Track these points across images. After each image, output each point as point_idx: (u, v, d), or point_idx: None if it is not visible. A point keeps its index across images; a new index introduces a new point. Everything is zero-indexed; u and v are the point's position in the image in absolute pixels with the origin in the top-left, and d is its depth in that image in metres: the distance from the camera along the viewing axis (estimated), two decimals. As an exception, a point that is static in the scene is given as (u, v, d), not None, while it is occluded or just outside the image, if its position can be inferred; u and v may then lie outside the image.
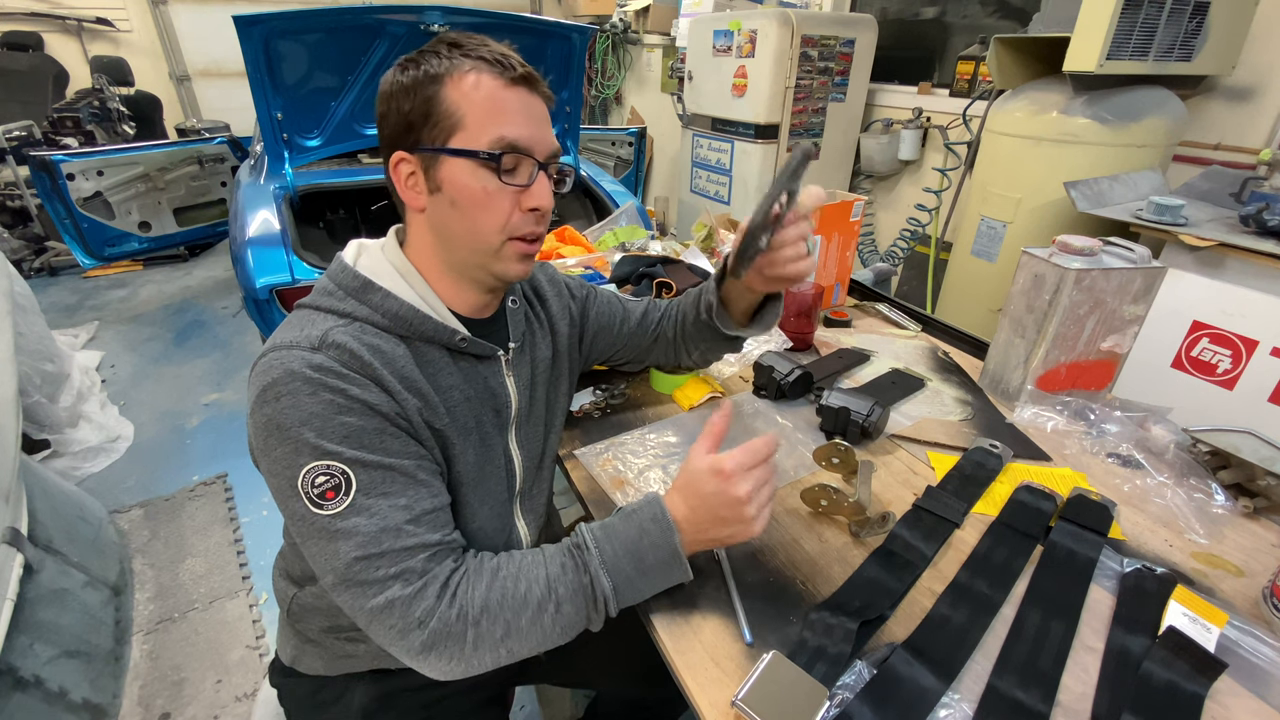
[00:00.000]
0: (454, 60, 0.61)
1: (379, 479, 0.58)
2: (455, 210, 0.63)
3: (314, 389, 0.56)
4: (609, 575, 0.60)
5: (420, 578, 0.57)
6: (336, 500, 0.56)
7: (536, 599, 0.59)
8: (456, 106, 0.61)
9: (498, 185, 0.62)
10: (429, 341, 0.66)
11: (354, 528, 0.56)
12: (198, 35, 4.60)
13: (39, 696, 0.99)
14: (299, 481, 0.56)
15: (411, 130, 0.62)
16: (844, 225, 1.35)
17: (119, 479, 2.17)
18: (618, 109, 5.22)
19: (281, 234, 2.07)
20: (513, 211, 0.64)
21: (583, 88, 2.61)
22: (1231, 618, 0.67)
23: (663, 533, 0.61)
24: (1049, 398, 1.04)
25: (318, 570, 0.59)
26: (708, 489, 0.61)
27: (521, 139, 0.62)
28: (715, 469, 0.61)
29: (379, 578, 0.56)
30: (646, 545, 0.61)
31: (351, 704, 0.80)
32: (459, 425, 0.68)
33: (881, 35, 3.03)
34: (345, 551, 0.56)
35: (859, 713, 0.56)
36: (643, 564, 0.61)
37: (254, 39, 1.92)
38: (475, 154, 0.61)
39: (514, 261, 0.66)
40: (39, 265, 3.85)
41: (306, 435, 0.55)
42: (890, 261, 3.19)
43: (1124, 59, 1.73)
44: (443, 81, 0.61)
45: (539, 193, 0.64)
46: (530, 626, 0.59)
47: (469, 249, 0.65)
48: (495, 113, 0.61)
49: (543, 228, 0.67)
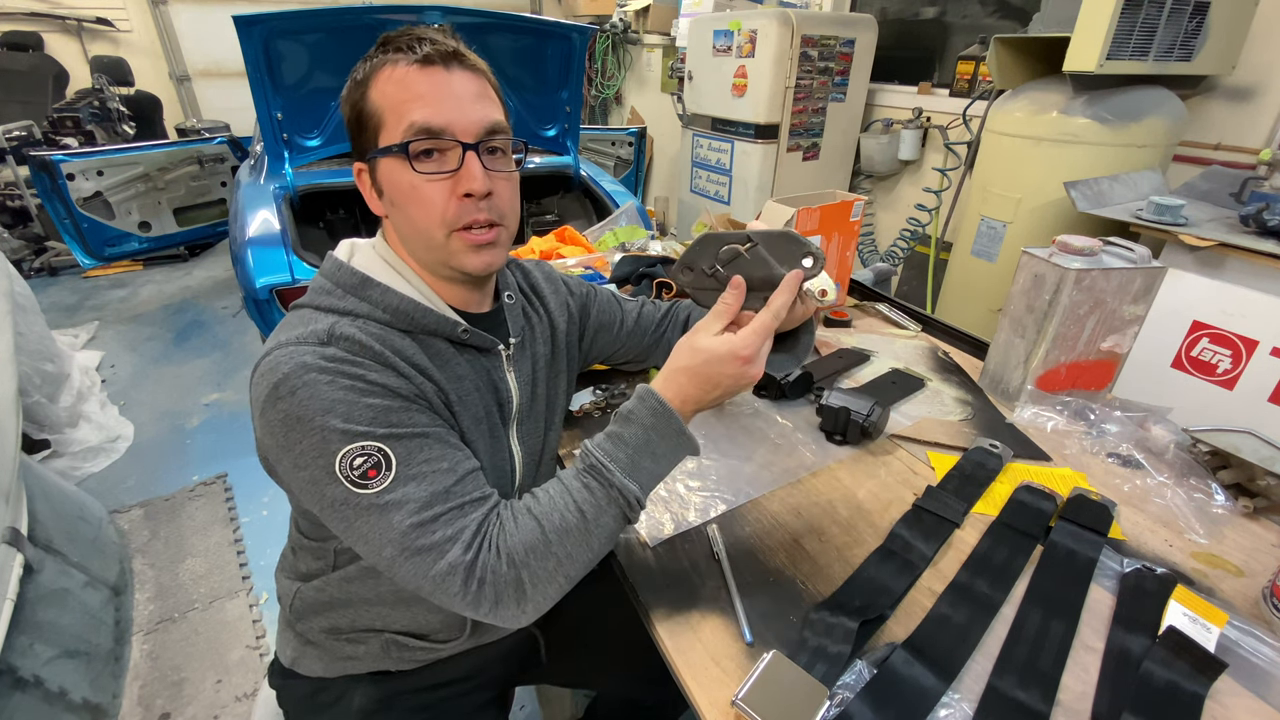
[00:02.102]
0: (376, 59, 0.60)
1: (416, 447, 0.58)
2: (397, 210, 0.63)
3: (332, 377, 0.55)
4: (632, 479, 0.60)
5: (475, 538, 0.57)
6: (380, 477, 0.56)
7: (575, 524, 0.59)
8: (377, 106, 0.60)
9: (422, 177, 0.59)
10: (431, 334, 0.65)
11: (404, 497, 0.56)
12: (198, 35, 4.59)
13: (39, 696, 0.99)
14: (336, 467, 0.55)
15: (355, 140, 0.63)
16: (844, 225, 1.35)
17: (119, 479, 2.17)
18: (618, 109, 5.22)
19: (281, 234, 2.07)
20: (447, 201, 0.60)
21: (583, 88, 2.61)
22: (1231, 618, 0.67)
23: (666, 421, 0.60)
24: (1049, 398, 1.04)
25: (371, 551, 0.58)
26: (725, 371, 0.60)
27: (433, 120, 0.58)
28: (735, 354, 0.59)
29: (436, 541, 0.56)
30: (656, 438, 0.60)
31: (351, 705, 0.80)
32: (470, 415, 0.67)
33: (881, 35, 3.03)
34: (399, 521, 0.56)
35: (859, 712, 0.56)
36: (656, 454, 0.61)
37: (254, 39, 1.92)
38: (389, 149, 0.60)
39: (467, 254, 0.63)
40: (39, 265, 3.85)
41: (333, 422, 0.55)
42: (890, 261, 3.19)
43: (1124, 59, 1.73)
44: (369, 84, 0.60)
45: (468, 176, 0.60)
46: (578, 548, 0.59)
47: (422, 246, 0.64)
48: (405, 100, 0.59)
49: (486, 214, 0.62)
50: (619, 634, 0.92)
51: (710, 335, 0.61)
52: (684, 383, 0.61)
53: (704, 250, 0.67)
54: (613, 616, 0.91)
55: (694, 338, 0.62)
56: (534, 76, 2.48)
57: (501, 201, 0.64)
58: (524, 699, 1.45)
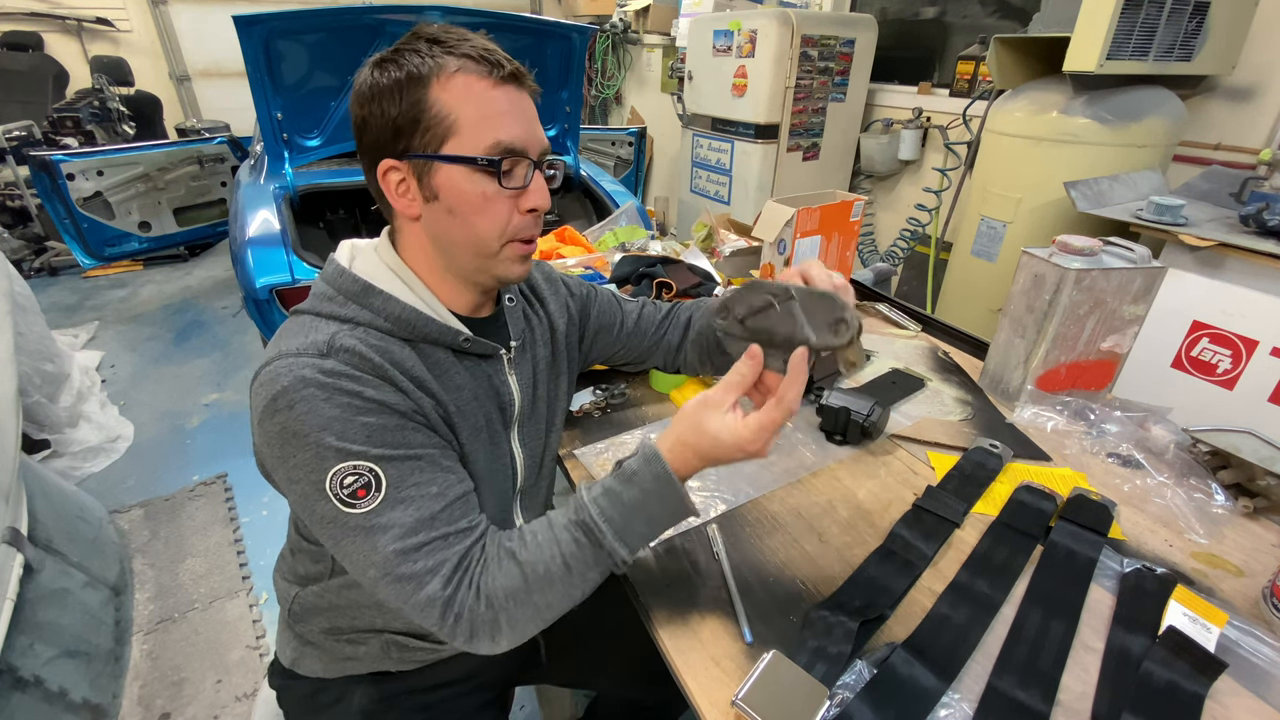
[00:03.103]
0: (437, 59, 0.58)
1: (408, 470, 0.58)
2: (453, 217, 0.62)
3: (329, 393, 0.55)
4: (624, 543, 0.60)
5: (456, 572, 0.58)
6: (369, 498, 0.56)
7: (559, 575, 0.59)
8: (449, 111, 0.59)
9: (496, 190, 0.61)
10: (433, 343, 0.66)
11: (390, 521, 0.56)
12: (198, 35, 4.59)
13: (39, 696, 0.99)
14: (326, 485, 0.55)
15: (400, 136, 0.60)
16: (844, 225, 1.35)
17: (119, 479, 2.17)
18: (618, 109, 5.22)
19: (281, 234, 2.07)
20: (512, 214, 0.63)
21: (583, 88, 2.61)
22: (1231, 618, 0.67)
23: (668, 488, 0.60)
24: (1049, 398, 1.04)
25: (355, 569, 0.59)
26: (730, 458, 0.60)
27: (517, 141, 0.61)
28: (741, 448, 0.58)
29: (417, 571, 0.57)
30: (654, 504, 0.60)
31: (351, 706, 0.80)
32: (470, 424, 0.68)
33: (881, 35, 3.03)
34: (384, 545, 0.56)
35: (859, 712, 0.56)
36: (652, 520, 0.61)
37: (254, 39, 1.92)
38: (473, 160, 0.59)
39: (513, 263, 0.66)
40: (39, 265, 3.85)
41: (328, 439, 0.55)
42: (890, 261, 3.19)
43: (1124, 59, 1.73)
44: (429, 83, 0.58)
45: (536, 193, 0.63)
46: (561, 598, 0.60)
47: (469, 254, 0.64)
48: (489, 116, 0.59)
49: (540, 227, 0.67)
50: (619, 634, 0.92)
51: (720, 413, 0.59)
52: (690, 458, 0.61)
53: (744, 296, 0.65)
54: (613, 617, 0.91)
55: (702, 414, 0.60)
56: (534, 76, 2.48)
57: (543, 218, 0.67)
58: (524, 699, 1.45)
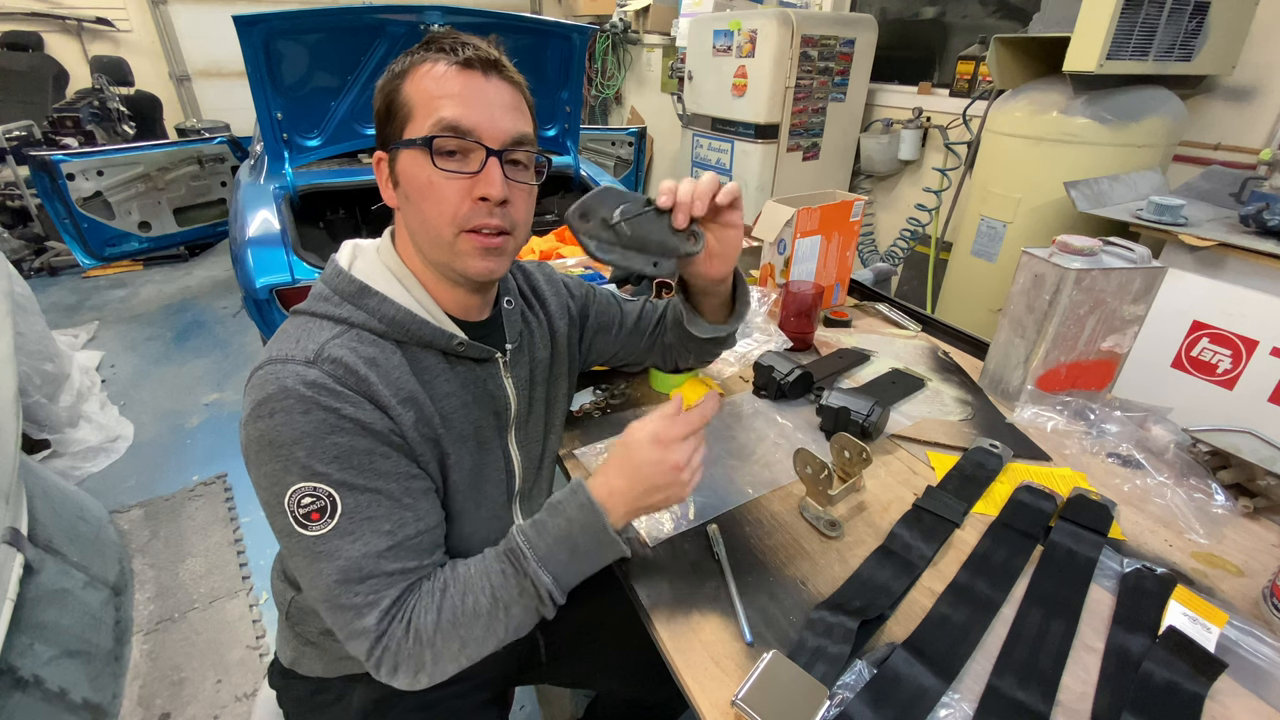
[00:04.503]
0: (418, 55, 0.61)
1: (365, 503, 0.58)
2: (409, 203, 0.63)
3: (307, 407, 0.56)
4: (547, 571, 0.61)
5: (391, 609, 0.58)
6: (321, 522, 0.57)
7: (486, 609, 0.60)
8: (409, 98, 0.60)
9: (438, 173, 0.59)
10: (425, 346, 0.65)
11: (336, 550, 0.57)
12: (198, 35, 4.59)
13: (39, 696, 0.99)
14: (285, 500, 0.56)
15: (381, 128, 0.63)
16: (844, 225, 1.35)
17: (119, 479, 2.17)
18: (618, 109, 5.22)
19: (281, 234, 2.07)
20: (461, 201, 0.60)
21: (583, 88, 2.61)
22: (1231, 618, 0.67)
23: (591, 517, 0.61)
24: (1049, 398, 1.04)
25: (303, 583, 0.60)
26: (647, 458, 0.61)
27: (463, 120, 0.59)
28: (655, 438, 0.61)
29: (356, 603, 0.58)
30: (577, 532, 0.61)
31: (351, 705, 0.80)
32: (455, 433, 0.67)
33: (881, 35, 3.03)
34: (327, 573, 0.57)
35: (859, 712, 0.56)
36: (577, 551, 0.61)
37: (254, 39, 1.92)
38: (412, 142, 0.60)
39: (471, 257, 0.62)
40: (39, 265, 3.85)
41: (298, 454, 0.56)
42: (890, 261, 3.19)
43: (1124, 59, 1.73)
44: (405, 77, 0.61)
45: (486, 180, 0.60)
46: (485, 635, 0.60)
47: (430, 244, 0.63)
48: (436, 96, 0.59)
49: (498, 220, 0.62)
50: (619, 634, 0.92)
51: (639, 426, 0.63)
52: (612, 476, 0.62)
53: (604, 200, 0.66)
54: (612, 616, 0.91)
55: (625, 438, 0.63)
56: (534, 76, 2.46)
57: (516, 211, 0.64)
58: (524, 699, 1.45)
